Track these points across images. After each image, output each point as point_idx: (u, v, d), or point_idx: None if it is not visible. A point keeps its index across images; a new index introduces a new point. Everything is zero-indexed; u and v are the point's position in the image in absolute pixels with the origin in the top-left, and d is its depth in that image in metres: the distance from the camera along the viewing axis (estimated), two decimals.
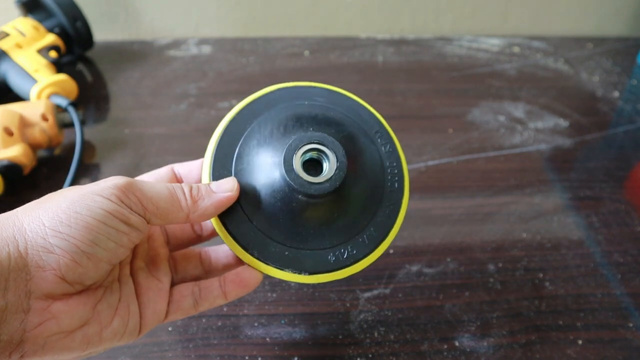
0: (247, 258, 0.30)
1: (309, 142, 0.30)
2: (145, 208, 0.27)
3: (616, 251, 0.47)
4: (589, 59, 0.74)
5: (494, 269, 0.45)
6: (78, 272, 0.24)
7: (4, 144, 0.48)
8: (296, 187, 0.29)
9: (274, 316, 0.41)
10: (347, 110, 0.34)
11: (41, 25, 0.63)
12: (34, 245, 0.23)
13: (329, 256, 0.30)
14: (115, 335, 0.27)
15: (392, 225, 0.32)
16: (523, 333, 0.40)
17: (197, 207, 0.29)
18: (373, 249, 0.31)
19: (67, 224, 0.24)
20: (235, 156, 0.31)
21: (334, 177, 0.29)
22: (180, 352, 0.38)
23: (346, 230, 0.31)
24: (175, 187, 0.28)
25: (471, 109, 0.63)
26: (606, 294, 0.43)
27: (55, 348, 0.25)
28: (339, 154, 0.30)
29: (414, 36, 0.77)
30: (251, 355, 0.38)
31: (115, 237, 0.26)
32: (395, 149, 0.33)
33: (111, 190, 0.26)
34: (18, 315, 0.23)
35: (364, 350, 0.39)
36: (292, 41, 0.75)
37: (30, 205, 0.25)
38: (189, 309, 0.31)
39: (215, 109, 0.61)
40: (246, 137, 0.32)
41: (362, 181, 0.31)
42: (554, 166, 0.56)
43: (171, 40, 0.74)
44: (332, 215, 0.30)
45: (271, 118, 0.32)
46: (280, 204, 0.30)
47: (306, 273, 0.30)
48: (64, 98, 0.55)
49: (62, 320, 0.24)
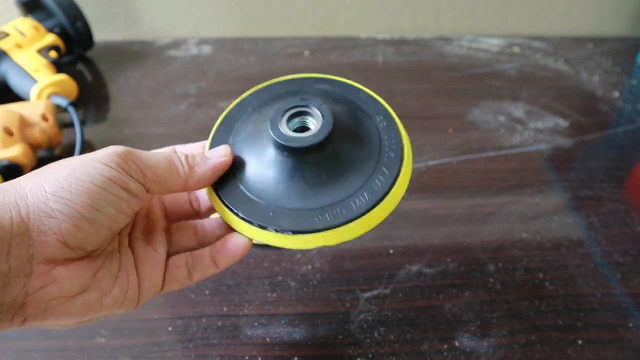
0: (230, 217, 0.30)
1: (296, 106, 0.31)
2: (144, 175, 0.28)
3: (616, 251, 0.47)
4: (589, 59, 0.74)
5: (494, 269, 0.45)
6: (79, 236, 0.25)
7: (4, 144, 0.48)
8: (280, 141, 0.29)
9: (274, 316, 0.41)
10: (349, 94, 0.34)
11: (41, 25, 0.63)
12: (36, 210, 0.24)
13: (315, 217, 0.29)
14: (115, 303, 0.28)
15: (387, 191, 0.30)
16: (523, 333, 0.40)
17: (194, 173, 0.30)
18: (364, 212, 0.29)
19: (68, 190, 0.25)
20: (234, 132, 0.33)
21: (318, 132, 0.30)
22: (180, 352, 0.38)
23: (335, 193, 0.30)
24: (172, 155, 0.30)
25: (471, 109, 0.63)
26: (606, 294, 0.43)
27: (56, 312, 0.25)
28: (325, 114, 0.30)
29: (414, 36, 0.77)
30: (251, 355, 0.38)
31: (116, 203, 0.26)
32: (395, 124, 0.33)
33: (111, 157, 0.26)
34: (20, 278, 0.23)
35: (364, 350, 0.39)
36: (292, 41, 0.75)
37: (31, 174, 0.26)
38: (184, 280, 0.32)
39: (216, 109, 0.61)
40: (246, 116, 0.34)
41: (353, 145, 0.31)
42: (554, 166, 0.56)
43: (171, 40, 0.74)
44: (320, 176, 0.30)
45: (272, 100, 0.34)
46: (267, 164, 0.30)
47: (289, 232, 0.29)
48: (64, 98, 0.55)
49: (63, 285, 0.25)
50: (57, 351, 0.38)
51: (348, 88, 0.35)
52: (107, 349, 0.38)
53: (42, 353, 0.38)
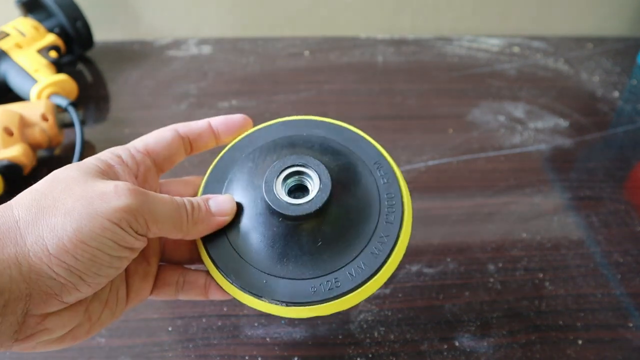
0: (224, 282, 0.30)
1: (292, 165, 0.29)
2: (149, 229, 0.26)
3: (616, 251, 0.47)
4: (589, 59, 0.74)
5: (494, 269, 0.45)
6: (76, 295, 0.24)
7: (4, 144, 0.48)
8: (275, 208, 0.28)
9: (274, 316, 0.41)
10: (347, 142, 0.32)
11: (41, 25, 0.63)
12: (38, 270, 0.23)
13: (310, 287, 0.28)
14: (102, 326, 0.28)
15: (385, 260, 0.29)
16: (523, 333, 0.40)
17: (195, 229, 0.28)
18: (361, 284, 0.28)
19: (73, 255, 0.23)
20: (227, 183, 0.31)
21: (315, 199, 0.28)
22: (181, 352, 0.38)
23: (332, 261, 0.28)
24: (180, 205, 0.28)
25: (471, 109, 0.63)
26: (606, 294, 0.43)
27: (44, 348, 0.25)
28: (323, 176, 0.28)
29: (414, 36, 0.77)
30: (251, 355, 0.38)
31: (117, 264, 0.25)
32: (396, 181, 0.31)
33: (122, 214, 0.24)
34: (12, 327, 0.23)
35: (364, 350, 0.39)
36: (292, 41, 0.75)
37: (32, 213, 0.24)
38: (170, 295, 0.31)
39: (216, 109, 0.62)
40: (240, 164, 0.32)
41: (351, 209, 0.29)
42: (554, 166, 0.56)
43: (171, 40, 0.74)
44: (316, 243, 0.28)
45: (266, 147, 0.32)
46: (262, 229, 0.29)
47: (283, 304, 0.28)
48: (64, 98, 0.55)
49: (53, 331, 0.25)
50: (57, 351, 0.38)
51: (348, 135, 0.33)
52: (107, 349, 0.38)
53: (42, 353, 0.38)
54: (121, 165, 0.28)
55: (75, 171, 0.26)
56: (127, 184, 0.26)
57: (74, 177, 0.25)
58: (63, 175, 0.25)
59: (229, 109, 0.61)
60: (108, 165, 0.28)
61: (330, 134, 0.33)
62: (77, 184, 0.25)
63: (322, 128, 0.33)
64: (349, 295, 0.28)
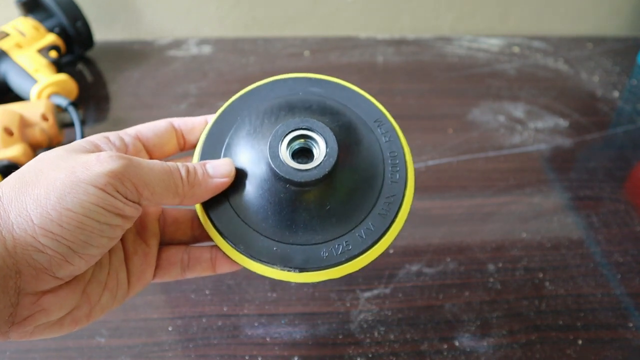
0: (233, 253, 0.29)
1: (297, 128, 0.28)
2: (140, 194, 0.25)
3: (616, 251, 0.47)
4: (589, 59, 0.74)
5: (494, 269, 0.45)
6: (69, 269, 0.24)
7: (4, 144, 0.48)
8: (282, 174, 0.27)
9: (274, 316, 0.41)
10: (345, 100, 0.31)
11: (41, 25, 0.63)
12: (23, 244, 0.22)
13: (321, 252, 0.28)
14: (103, 310, 0.27)
15: (392, 220, 0.29)
16: (523, 333, 0.40)
17: (192, 192, 0.27)
18: (371, 245, 0.28)
19: (59, 224, 0.22)
20: (225, 146, 0.30)
21: (322, 164, 0.27)
22: (181, 352, 0.38)
23: (341, 224, 0.28)
24: (172, 169, 0.27)
25: (471, 109, 0.63)
26: (606, 294, 0.43)
27: (43, 333, 0.24)
28: (329, 140, 0.28)
29: (414, 36, 0.77)
30: (251, 355, 0.38)
31: (109, 232, 0.24)
32: (397, 138, 0.31)
33: (106, 178, 0.23)
34: (7, 309, 0.22)
35: (364, 350, 0.39)
36: (292, 41, 0.75)
37: (15, 187, 0.23)
38: (176, 275, 0.30)
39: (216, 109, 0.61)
40: (236, 128, 0.31)
41: (357, 170, 0.29)
42: (554, 166, 0.56)
43: (171, 40, 0.74)
44: (324, 207, 0.28)
45: (263, 109, 0.31)
46: (268, 195, 0.28)
47: (296, 270, 0.28)
48: (64, 98, 0.55)
49: (51, 312, 0.24)
50: (57, 351, 0.38)
51: (344, 91, 0.32)
52: (107, 349, 0.38)
53: (42, 353, 0.38)
54: (108, 144, 0.28)
55: (60, 150, 0.25)
56: (109, 152, 0.25)
57: (58, 154, 0.25)
58: (48, 154, 0.25)
59: None
60: (94, 144, 0.27)
61: (327, 92, 0.32)
62: (60, 159, 0.24)
63: (317, 86, 0.32)
64: (361, 257, 0.28)
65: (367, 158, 0.30)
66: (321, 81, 0.32)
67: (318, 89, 0.32)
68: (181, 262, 0.30)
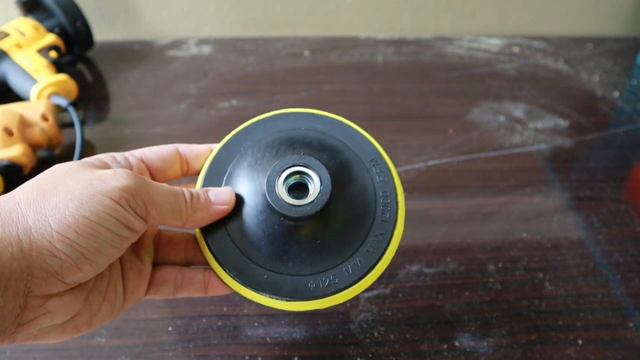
0: (226, 277, 0.30)
1: (294, 165, 0.30)
2: (148, 212, 0.27)
3: (616, 251, 0.47)
4: (589, 59, 0.74)
5: (494, 269, 0.45)
6: (78, 275, 0.25)
7: (4, 144, 0.48)
8: (277, 208, 0.28)
9: (274, 316, 0.41)
10: (344, 138, 0.33)
11: (41, 25, 0.63)
12: (39, 247, 0.23)
13: (309, 283, 0.29)
14: (102, 319, 0.28)
15: (379, 257, 0.30)
16: (523, 333, 0.40)
17: (194, 217, 0.29)
18: (357, 280, 0.30)
19: (75, 230, 0.24)
20: (226, 175, 0.32)
21: (315, 201, 0.29)
22: (181, 352, 0.38)
23: (330, 258, 0.30)
24: (179, 193, 0.28)
25: (471, 109, 0.63)
26: (606, 294, 0.43)
27: (46, 337, 0.26)
28: (324, 178, 0.29)
29: (414, 36, 0.77)
30: (251, 355, 0.38)
31: (118, 243, 0.26)
32: (391, 179, 0.32)
33: (121, 193, 0.25)
34: (14, 310, 0.23)
35: (364, 350, 0.39)
36: (292, 41, 0.75)
37: (32, 194, 0.24)
38: (168, 294, 0.32)
39: (216, 109, 0.62)
40: (239, 158, 0.32)
41: (349, 208, 0.30)
42: (554, 166, 0.56)
43: (171, 40, 0.74)
44: (315, 241, 0.30)
45: (265, 142, 0.32)
46: (263, 226, 0.30)
47: (284, 298, 0.29)
48: (64, 98, 0.55)
49: (55, 315, 0.25)
50: (57, 351, 0.38)
51: (344, 129, 0.33)
52: (107, 349, 0.38)
53: (42, 353, 0.38)
54: (114, 163, 0.30)
55: (74, 164, 0.27)
56: (124, 169, 0.27)
57: (72, 167, 0.26)
58: (63, 166, 0.27)
59: (228, 109, 0.61)
60: (103, 162, 0.29)
61: (328, 128, 0.33)
62: (76, 172, 0.26)
63: (319, 122, 0.34)
64: (346, 290, 0.30)
65: (359, 196, 0.31)
66: (323, 117, 0.34)
67: (319, 125, 0.33)
68: (175, 281, 0.31)
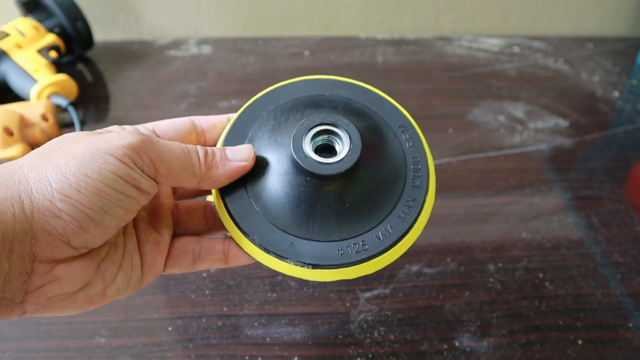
0: (245, 243, 0.28)
1: (322, 123, 0.28)
2: (157, 170, 0.25)
3: (616, 251, 0.47)
4: (589, 59, 0.74)
5: (494, 269, 0.45)
6: (84, 238, 0.24)
7: (4, 144, 0.48)
8: (304, 166, 0.27)
9: (274, 316, 0.41)
10: (371, 104, 0.31)
11: (41, 25, 0.63)
12: (41, 208, 0.22)
13: (337, 250, 0.27)
14: (118, 292, 0.27)
15: (412, 223, 0.28)
16: (523, 333, 0.40)
17: (210, 174, 0.27)
18: (389, 247, 0.28)
19: (76, 189, 0.23)
20: (247, 139, 0.30)
21: (345, 159, 0.27)
22: (181, 352, 0.38)
23: (359, 223, 0.28)
24: (190, 150, 0.27)
25: (471, 109, 0.63)
26: (606, 294, 0.43)
27: (57, 308, 0.25)
28: (354, 136, 0.27)
29: (414, 36, 0.77)
30: (251, 355, 0.38)
31: (125, 203, 0.24)
32: (421, 145, 0.30)
33: (124, 150, 0.24)
34: (21, 277, 0.23)
35: (364, 350, 0.39)
36: (292, 41, 0.75)
37: (35, 157, 0.24)
38: (187, 267, 0.30)
39: (216, 109, 0.61)
40: (260, 122, 0.31)
41: (379, 171, 0.29)
42: (554, 166, 0.56)
43: (171, 40, 0.74)
44: (343, 205, 0.28)
45: (289, 105, 0.31)
46: (287, 188, 0.28)
47: (309, 266, 0.27)
48: (64, 98, 0.55)
49: (64, 283, 0.24)
50: (57, 351, 0.38)
51: (371, 96, 0.32)
52: (107, 349, 0.38)
53: (42, 353, 0.38)
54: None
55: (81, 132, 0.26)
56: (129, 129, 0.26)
57: (79, 133, 0.26)
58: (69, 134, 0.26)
59: (229, 109, 0.61)
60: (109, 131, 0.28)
61: (355, 95, 0.32)
62: (80, 136, 0.25)
63: (345, 89, 0.32)
64: (376, 258, 0.28)
65: (389, 160, 0.29)
66: (349, 84, 0.32)
67: (346, 91, 0.32)
68: (193, 252, 0.30)
